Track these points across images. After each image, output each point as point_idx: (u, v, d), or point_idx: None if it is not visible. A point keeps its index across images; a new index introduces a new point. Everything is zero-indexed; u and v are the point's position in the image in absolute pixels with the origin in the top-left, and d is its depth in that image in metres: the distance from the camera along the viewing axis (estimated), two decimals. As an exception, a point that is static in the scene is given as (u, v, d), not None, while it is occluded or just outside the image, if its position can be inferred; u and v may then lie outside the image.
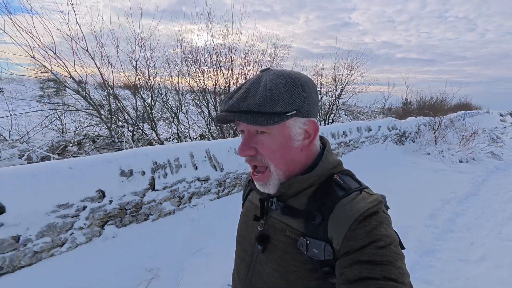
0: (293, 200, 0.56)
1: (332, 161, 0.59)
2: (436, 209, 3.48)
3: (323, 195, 0.54)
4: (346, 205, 0.50)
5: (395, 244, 0.47)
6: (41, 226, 1.57)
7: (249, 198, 0.70)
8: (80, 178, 1.69)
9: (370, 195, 0.53)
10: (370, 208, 0.49)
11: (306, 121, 0.55)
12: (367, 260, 0.44)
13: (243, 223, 0.67)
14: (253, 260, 0.61)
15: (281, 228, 0.56)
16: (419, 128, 7.90)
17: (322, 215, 0.51)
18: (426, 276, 2.25)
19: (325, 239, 0.50)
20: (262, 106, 0.49)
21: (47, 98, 5.77)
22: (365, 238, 0.46)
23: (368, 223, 0.47)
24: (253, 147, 0.54)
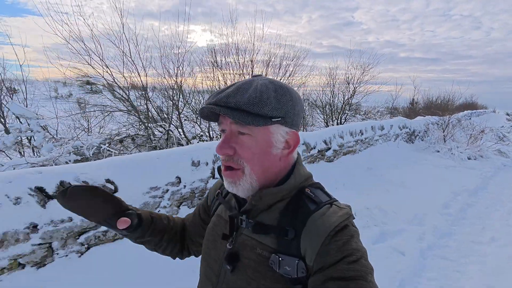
0: (265, 215, 0.55)
1: (304, 174, 0.59)
2: (448, 200, 3.83)
3: (295, 209, 0.53)
4: (318, 220, 0.50)
5: (365, 257, 0.48)
6: (139, 203, 1.97)
7: (217, 212, 0.67)
8: (164, 167, 2.09)
9: (340, 208, 0.53)
10: (341, 223, 0.49)
11: (289, 131, 0.55)
12: (340, 276, 0.44)
13: (210, 240, 0.64)
14: (219, 281, 0.58)
15: (251, 245, 0.55)
16: (428, 127, 8.21)
17: (294, 230, 0.51)
18: (443, 254, 2.61)
19: (298, 255, 0.49)
20: (250, 105, 0.49)
21: (81, 100, 6.23)
22: (337, 253, 0.46)
23: (339, 238, 0.48)
24: (232, 147, 0.54)
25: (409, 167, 5.22)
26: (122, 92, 4.50)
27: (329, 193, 0.58)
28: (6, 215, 1.43)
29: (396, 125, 6.59)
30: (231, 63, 5.72)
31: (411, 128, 7.31)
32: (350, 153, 4.65)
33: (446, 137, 7.57)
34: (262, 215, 0.55)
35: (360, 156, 4.88)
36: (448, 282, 2.19)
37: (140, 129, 4.96)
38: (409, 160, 5.70)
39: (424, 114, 9.60)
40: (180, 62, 4.92)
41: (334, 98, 7.81)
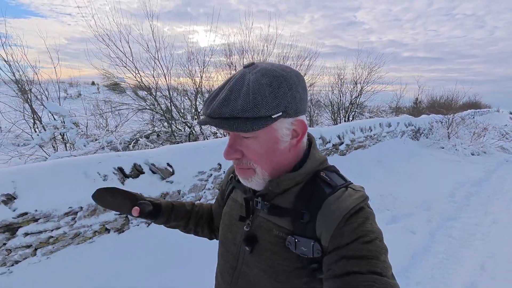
0: (280, 198, 0.56)
1: (319, 157, 0.59)
2: (453, 189, 4.14)
3: (310, 193, 0.54)
4: (334, 203, 0.50)
5: (380, 238, 0.48)
6: (189, 185, 2.31)
7: (232, 196, 0.68)
8: (209, 154, 2.44)
9: (356, 191, 0.53)
10: (357, 205, 0.50)
11: (294, 121, 0.53)
12: (353, 255, 0.45)
13: (227, 223, 0.65)
14: (239, 262, 0.60)
15: (268, 227, 0.56)
16: (432, 125, 8.51)
17: (310, 213, 0.51)
18: (449, 233, 2.93)
19: (314, 237, 0.50)
20: (246, 112, 0.47)
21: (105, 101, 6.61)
22: (352, 234, 0.47)
23: (354, 220, 0.48)
24: (239, 150, 0.53)
25: (415, 161, 5.54)
26: (148, 92, 4.86)
27: (344, 176, 0.58)
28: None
29: (402, 122, 6.90)
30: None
31: (416, 126, 7.61)
32: (360, 147, 4.98)
33: (450, 134, 7.86)
34: (277, 198, 0.56)
35: (370, 151, 5.20)
36: (455, 255, 2.51)
37: (163, 126, 5.33)
38: (415, 155, 6.01)
39: (428, 113, 9.88)
40: (201, 65, 5.28)
41: (342, 97, 8.13)
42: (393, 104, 11.79)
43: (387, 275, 0.44)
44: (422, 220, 3.08)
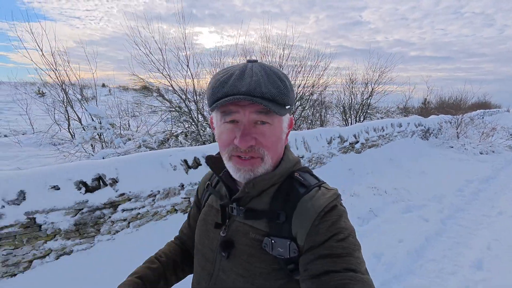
0: (256, 201, 0.56)
1: (293, 159, 0.60)
2: (462, 185, 4.46)
3: (285, 193, 0.55)
4: (308, 202, 0.52)
5: (353, 235, 0.50)
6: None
7: (208, 203, 0.68)
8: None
9: (328, 190, 0.55)
10: (330, 203, 0.51)
11: (290, 116, 0.58)
12: (329, 253, 0.46)
13: (203, 230, 0.65)
14: (215, 268, 0.59)
15: (244, 231, 0.56)
16: (441, 125, 8.76)
17: (285, 214, 0.52)
18: (459, 222, 3.26)
19: (290, 237, 0.51)
20: (281, 95, 0.51)
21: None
22: (326, 232, 0.48)
23: (329, 218, 0.50)
24: (254, 138, 0.53)
25: (426, 159, 5.85)
26: (178, 94, 5.31)
27: (317, 176, 0.59)
28: (169, 177, 2.20)
29: (412, 122, 7.20)
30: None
31: (425, 126, 7.89)
32: (374, 146, 5.33)
33: (459, 134, 8.12)
34: (253, 201, 0.57)
35: (382, 149, 5.54)
36: (464, 239, 2.86)
37: (190, 126, 5.77)
38: (425, 154, 6.32)
39: (437, 113, 10.11)
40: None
41: (352, 99, 8.47)
42: (402, 105, 12.05)
43: (361, 270, 0.46)
44: (434, 210, 3.43)
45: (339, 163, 4.20)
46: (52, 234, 1.70)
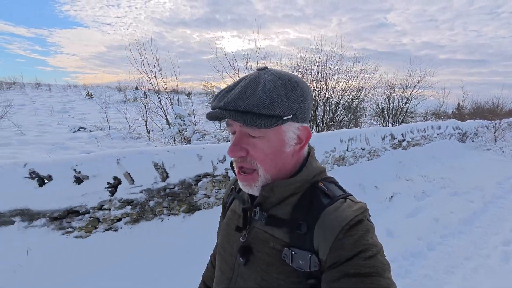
0: (277, 209, 0.55)
1: (317, 167, 0.58)
2: (502, 180, 5.03)
3: (308, 203, 0.53)
4: (332, 214, 0.49)
5: (381, 253, 0.47)
6: (320, 159, 3.67)
7: (231, 207, 0.68)
8: (331, 141, 3.78)
9: (355, 203, 0.52)
10: (356, 216, 0.48)
11: (300, 127, 0.54)
12: (356, 272, 0.44)
13: (225, 234, 0.65)
14: (234, 274, 0.59)
15: (264, 239, 0.55)
16: (478, 129, 9.11)
17: (307, 224, 0.50)
18: (500, 205, 3.91)
19: (311, 250, 0.49)
20: (261, 108, 0.47)
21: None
22: (352, 248, 0.45)
23: (354, 232, 0.47)
24: (244, 148, 0.53)
25: (465, 159, 6.42)
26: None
27: (343, 188, 0.57)
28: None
29: (450, 126, 7.73)
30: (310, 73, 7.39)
31: (463, 129, 8.34)
32: (417, 145, 6.03)
33: (497, 138, 8.47)
34: (274, 208, 0.55)
35: (424, 148, 6.21)
36: (505, 216, 3.54)
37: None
38: (463, 154, 6.87)
39: (474, 118, 10.38)
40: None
41: (390, 103, 9.12)
42: (436, 110, 12.34)
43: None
44: (477, 196, 4.11)
45: (391, 156, 4.99)
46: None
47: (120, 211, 1.99)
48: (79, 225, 1.82)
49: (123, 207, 2.00)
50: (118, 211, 1.98)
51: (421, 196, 3.91)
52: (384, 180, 4.16)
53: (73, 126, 9.45)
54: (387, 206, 3.49)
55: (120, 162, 1.97)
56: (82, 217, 1.83)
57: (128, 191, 2.01)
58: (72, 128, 9.23)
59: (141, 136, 8.22)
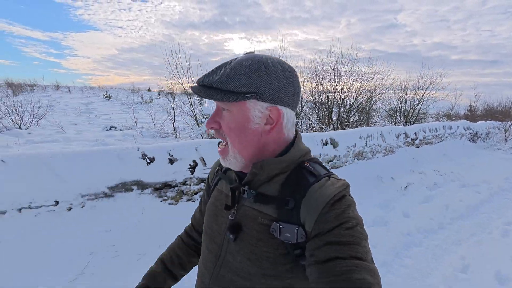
0: (265, 187, 0.58)
1: (303, 148, 0.62)
2: (510, 175, 5.42)
3: (295, 181, 0.57)
4: (318, 191, 0.53)
5: (361, 225, 0.51)
6: (355, 151, 4.23)
7: (217, 187, 0.71)
8: (355, 136, 4.32)
9: (338, 180, 0.57)
10: (339, 192, 0.53)
11: (269, 107, 0.56)
12: (336, 240, 0.48)
13: (211, 214, 0.67)
14: (222, 251, 0.61)
15: (253, 215, 0.58)
16: (489, 130, 9.40)
17: (295, 200, 0.54)
18: (506, 197, 4.34)
19: (298, 223, 0.53)
20: (219, 83, 0.53)
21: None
22: (335, 220, 0.50)
23: (338, 207, 0.51)
24: (217, 121, 0.59)
25: (476, 157, 6.81)
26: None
27: (327, 167, 0.61)
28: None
29: (462, 126, 8.11)
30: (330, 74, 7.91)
31: (474, 130, 8.68)
32: (429, 144, 6.47)
33: (507, 138, 8.76)
34: (263, 186, 0.59)
35: (436, 147, 6.64)
36: (503, 210, 3.98)
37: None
38: (474, 153, 7.25)
39: (485, 119, 10.65)
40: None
41: (402, 104, 9.53)
42: (448, 111, 12.61)
43: (367, 259, 0.48)
44: (484, 188, 4.55)
45: (404, 153, 5.48)
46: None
47: (197, 187, 2.59)
48: (171, 195, 2.44)
49: (198, 184, 2.60)
50: (195, 187, 2.58)
51: (432, 187, 4.40)
52: (399, 173, 4.66)
53: (105, 125, 10.25)
54: (402, 194, 4.00)
55: (197, 149, 2.57)
56: (173, 189, 2.44)
57: (202, 172, 2.61)
58: (104, 127, 10.04)
59: (168, 135, 8.92)
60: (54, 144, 7.07)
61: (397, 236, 2.88)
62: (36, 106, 10.66)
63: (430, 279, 2.28)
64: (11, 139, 7.09)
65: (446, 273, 2.35)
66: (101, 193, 2.09)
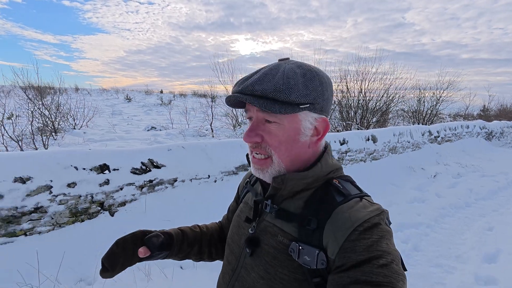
0: (289, 202, 0.55)
1: (332, 164, 0.57)
2: (523, 168, 6.15)
3: (320, 199, 0.52)
4: (345, 212, 0.48)
5: (397, 262, 0.44)
6: (389, 146, 5.04)
7: (244, 200, 0.69)
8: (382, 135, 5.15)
9: (371, 204, 0.50)
10: (371, 218, 0.46)
11: (318, 118, 0.54)
12: (366, 280, 0.41)
13: (235, 225, 0.66)
14: (239, 265, 0.60)
15: (273, 232, 0.55)
16: (503, 129, 10.03)
17: (317, 221, 0.49)
18: None
19: (319, 247, 0.48)
20: (277, 93, 0.48)
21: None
22: (364, 252, 0.43)
23: (368, 236, 0.44)
24: (259, 134, 0.54)
25: (491, 153, 7.53)
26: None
27: (360, 188, 0.55)
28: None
29: (478, 125, 8.80)
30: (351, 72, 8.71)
31: (489, 129, 9.34)
32: (449, 141, 7.22)
33: (521, 136, 9.39)
34: (286, 202, 0.55)
35: (455, 144, 7.39)
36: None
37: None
38: (490, 149, 7.96)
39: (499, 119, 11.24)
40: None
41: (421, 106, 10.26)
42: (460, 112, 13.19)
43: None
44: (502, 178, 5.29)
45: (429, 149, 6.26)
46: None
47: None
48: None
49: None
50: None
51: (457, 176, 5.18)
52: (427, 165, 5.45)
53: (146, 126, 11.28)
54: (432, 181, 4.80)
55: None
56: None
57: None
58: (145, 127, 11.06)
59: (205, 134, 9.87)
60: (113, 142, 8.07)
61: (434, 209, 3.70)
62: (87, 108, 11.70)
63: (464, 235, 3.10)
64: (74, 139, 8.15)
65: (477, 231, 3.17)
66: (231, 171, 2.97)
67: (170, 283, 1.93)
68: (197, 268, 2.15)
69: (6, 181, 2.02)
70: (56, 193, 2.20)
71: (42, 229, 2.18)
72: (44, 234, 2.19)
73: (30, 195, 2.10)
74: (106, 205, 2.45)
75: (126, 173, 2.51)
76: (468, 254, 2.70)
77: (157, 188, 2.69)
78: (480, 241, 2.94)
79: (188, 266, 2.18)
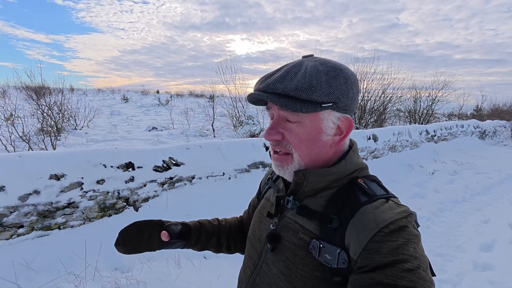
0: (311, 200, 0.54)
1: (357, 163, 0.56)
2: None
3: (343, 199, 0.51)
4: (370, 213, 0.46)
5: (424, 268, 0.42)
6: (389, 145, 5.28)
7: (266, 195, 0.70)
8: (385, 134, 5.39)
9: (398, 205, 0.48)
10: (398, 220, 0.44)
11: (341, 117, 0.53)
12: (390, 283, 0.40)
13: (257, 221, 0.67)
14: (260, 260, 0.60)
15: (294, 229, 0.54)
16: (496, 129, 10.39)
17: (340, 220, 0.48)
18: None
19: (341, 246, 0.46)
20: (299, 91, 0.47)
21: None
22: (389, 255, 0.41)
23: (394, 238, 0.43)
24: (280, 132, 0.53)
25: (485, 151, 7.84)
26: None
27: (386, 188, 0.53)
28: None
29: (472, 125, 9.12)
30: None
31: (482, 128, 9.67)
32: (445, 140, 7.50)
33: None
34: (308, 199, 0.55)
35: (451, 142, 7.67)
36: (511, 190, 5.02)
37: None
38: (484, 148, 8.27)
39: (492, 119, 11.63)
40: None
41: (417, 106, 10.56)
42: (454, 112, 13.57)
43: None
44: (495, 175, 5.56)
45: (426, 147, 6.52)
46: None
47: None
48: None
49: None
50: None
51: (453, 173, 5.44)
52: (425, 163, 5.70)
53: (147, 126, 11.35)
54: (431, 178, 5.04)
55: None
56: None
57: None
58: (146, 128, 11.14)
59: (207, 134, 10.01)
60: (116, 142, 8.16)
61: (433, 204, 3.93)
62: (87, 109, 11.71)
63: (462, 227, 3.33)
64: (76, 139, 8.22)
65: (473, 223, 3.40)
66: (244, 169, 3.14)
67: (198, 271, 2.10)
68: (220, 259, 2.32)
69: (42, 178, 2.16)
70: (86, 189, 2.35)
71: (74, 223, 2.33)
72: (76, 228, 2.33)
73: (64, 191, 2.25)
74: (131, 200, 2.60)
75: (149, 171, 2.67)
76: (467, 244, 2.93)
77: (177, 184, 2.85)
78: (477, 232, 3.18)
79: (211, 257, 2.35)
